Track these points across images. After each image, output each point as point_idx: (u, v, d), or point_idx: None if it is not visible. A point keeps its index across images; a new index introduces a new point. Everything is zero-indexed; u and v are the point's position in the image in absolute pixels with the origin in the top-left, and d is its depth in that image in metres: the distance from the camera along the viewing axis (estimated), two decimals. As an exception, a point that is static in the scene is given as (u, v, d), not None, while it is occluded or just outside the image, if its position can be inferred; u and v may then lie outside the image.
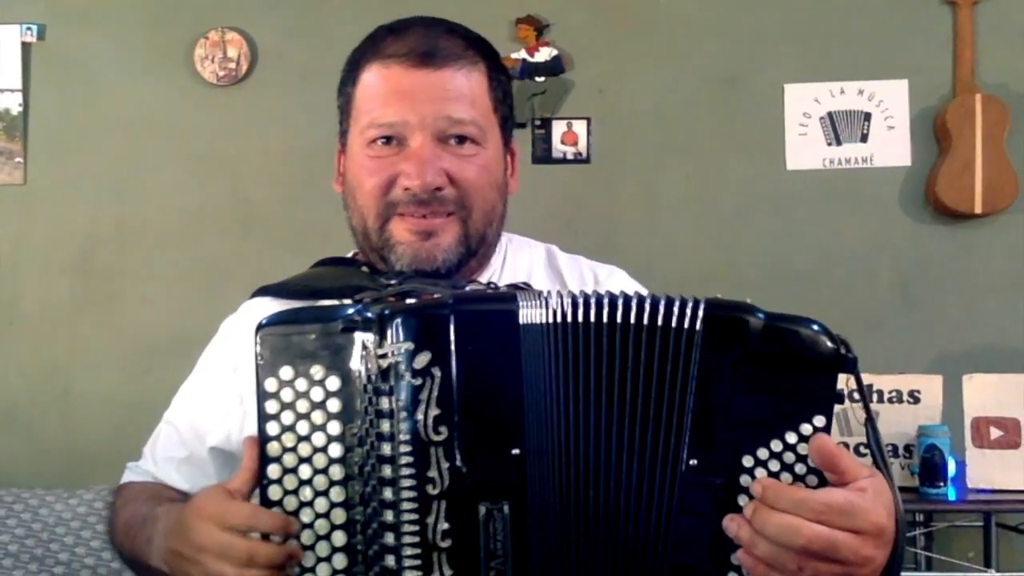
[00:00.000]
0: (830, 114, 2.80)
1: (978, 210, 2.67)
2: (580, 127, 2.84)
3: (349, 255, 1.29)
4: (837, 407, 0.85)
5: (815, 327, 0.87)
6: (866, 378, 2.15)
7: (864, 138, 2.78)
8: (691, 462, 0.87)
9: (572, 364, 0.89)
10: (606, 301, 0.89)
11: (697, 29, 2.87)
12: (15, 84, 2.88)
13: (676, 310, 0.87)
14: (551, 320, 0.89)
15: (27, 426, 2.87)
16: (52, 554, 2.48)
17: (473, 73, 1.16)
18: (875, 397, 2.23)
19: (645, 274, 1.33)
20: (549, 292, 0.92)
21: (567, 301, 0.90)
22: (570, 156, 2.85)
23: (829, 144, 2.79)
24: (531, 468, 0.87)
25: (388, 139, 1.14)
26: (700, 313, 0.87)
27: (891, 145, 2.78)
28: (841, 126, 2.79)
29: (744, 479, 0.85)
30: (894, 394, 2.22)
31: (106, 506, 2.64)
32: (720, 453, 0.86)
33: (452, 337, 0.87)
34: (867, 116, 2.79)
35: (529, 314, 0.89)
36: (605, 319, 0.89)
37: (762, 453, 0.85)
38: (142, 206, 2.90)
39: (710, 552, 0.86)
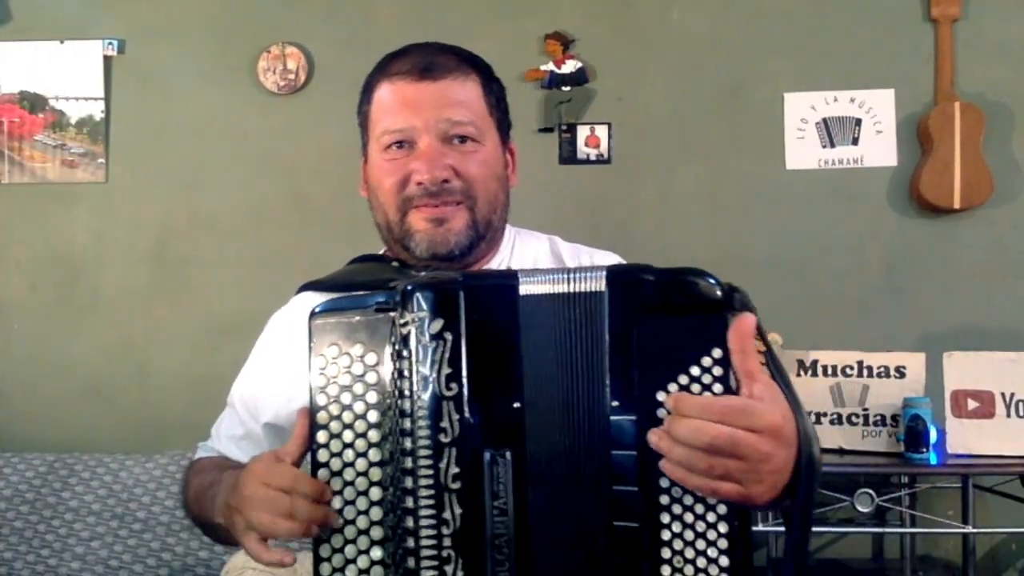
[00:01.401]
0: (824, 120, 2.85)
1: (957, 206, 2.74)
2: (602, 131, 2.89)
3: (381, 252, 1.37)
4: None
5: (702, 277, 0.93)
6: (857, 355, 2.28)
7: (855, 141, 2.85)
8: (614, 404, 0.92)
9: (547, 329, 0.95)
10: (540, 277, 0.96)
11: (706, 44, 2.91)
12: (98, 93, 2.95)
13: (583, 276, 0.94)
14: (544, 292, 0.95)
15: (108, 398, 2.94)
16: (131, 512, 2.58)
17: (468, 83, 1.26)
18: (865, 372, 2.29)
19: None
20: (544, 270, 0.98)
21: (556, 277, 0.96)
22: (593, 157, 2.90)
23: (824, 146, 2.85)
24: (529, 419, 0.93)
25: (400, 144, 1.24)
26: (602, 276, 0.94)
27: (879, 147, 2.84)
28: (834, 130, 2.85)
29: (660, 412, 0.90)
30: (882, 370, 2.30)
31: (179, 469, 2.64)
32: (636, 393, 0.92)
33: (462, 306, 0.93)
34: (858, 121, 2.84)
35: (529, 288, 0.95)
36: (544, 291, 0.95)
37: (672, 387, 0.91)
38: (211, 201, 2.96)
39: (642, 479, 0.91)
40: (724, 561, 0.91)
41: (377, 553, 0.94)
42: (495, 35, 2.82)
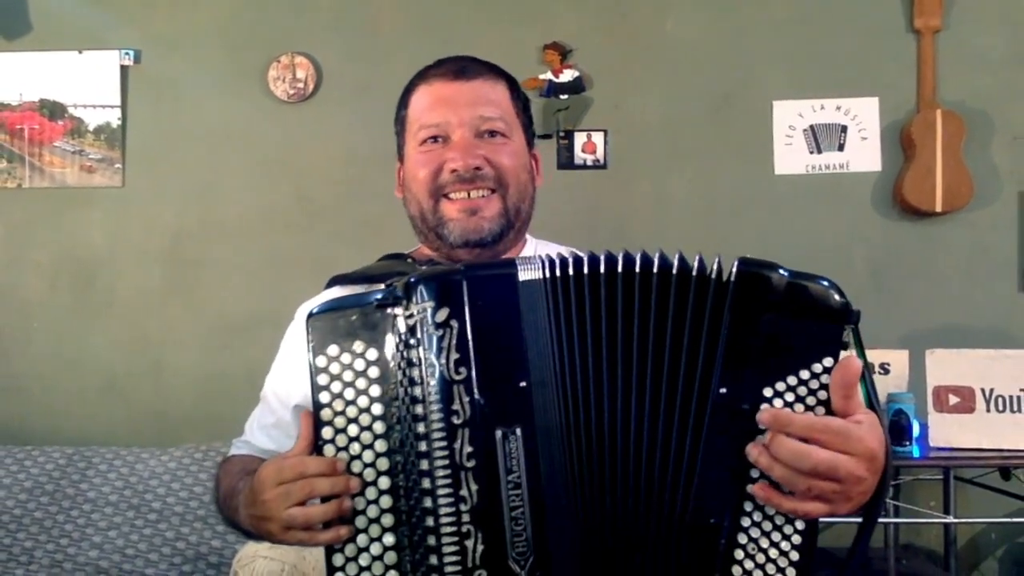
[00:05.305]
0: (812, 126, 2.91)
1: (938, 209, 2.80)
2: (598, 138, 2.94)
3: (406, 252, 1.39)
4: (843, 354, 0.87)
5: (828, 284, 0.93)
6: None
7: (841, 147, 2.90)
8: (721, 390, 0.94)
9: (564, 310, 0.97)
10: (627, 258, 0.99)
11: (698, 53, 2.95)
12: (115, 101, 3.01)
13: (711, 265, 0.96)
14: (546, 276, 0.97)
15: (124, 394, 3.00)
16: (147, 503, 2.62)
17: (498, 86, 1.34)
18: (852, 368, 2.37)
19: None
20: (545, 255, 1.00)
21: (567, 261, 0.98)
22: (590, 163, 2.94)
23: (811, 152, 2.91)
24: (536, 397, 0.95)
25: (435, 138, 1.29)
26: (735, 268, 0.95)
27: (864, 153, 2.90)
28: (821, 137, 2.90)
29: (764, 407, 0.92)
30: (868, 366, 2.39)
31: (192, 462, 2.70)
32: (746, 384, 0.93)
33: (465, 295, 0.95)
34: (843, 128, 2.90)
35: (526, 274, 0.98)
36: (603, 271, 0.98)
37: (780, 386, 0.92)
38: (222, 205, 3.01)
39: (735, 468, 0.93)
40: (794, 556, 0.94)
41: (389, 539, 0.95)
42: (495, 45, 2.78)
